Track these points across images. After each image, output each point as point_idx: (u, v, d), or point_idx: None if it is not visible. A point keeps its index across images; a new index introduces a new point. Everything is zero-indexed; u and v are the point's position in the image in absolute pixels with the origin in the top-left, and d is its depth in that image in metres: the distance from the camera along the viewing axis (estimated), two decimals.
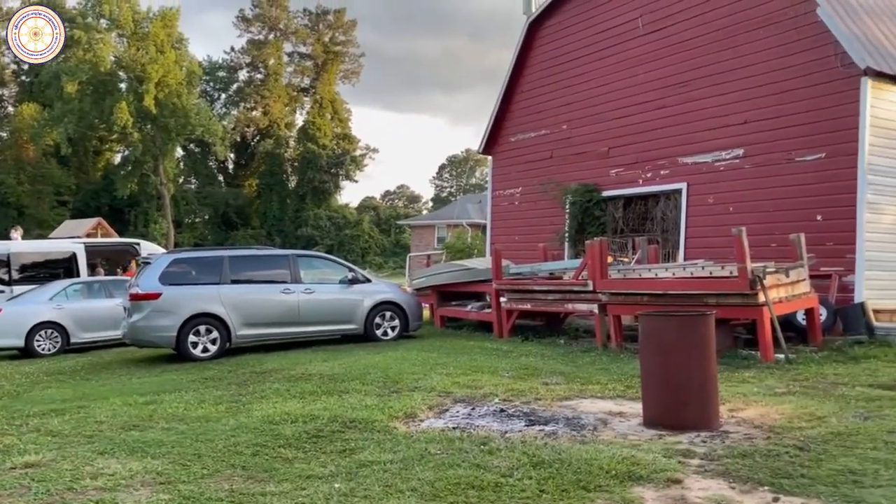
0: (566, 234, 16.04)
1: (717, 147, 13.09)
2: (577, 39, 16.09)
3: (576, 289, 11.83)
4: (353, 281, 13.07)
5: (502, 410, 6.82)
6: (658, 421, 5.98)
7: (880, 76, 10.93)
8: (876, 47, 11.28)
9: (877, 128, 11.00)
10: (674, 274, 10.52)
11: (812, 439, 5.35)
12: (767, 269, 9.48)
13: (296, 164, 62.82)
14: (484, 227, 19.84)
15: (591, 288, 11.38)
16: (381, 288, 13.58)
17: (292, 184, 63.12)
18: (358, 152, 65.92)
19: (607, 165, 15.31)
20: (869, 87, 10.86)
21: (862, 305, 10.68)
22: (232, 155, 64.95)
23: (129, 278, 14.26)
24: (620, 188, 15.06)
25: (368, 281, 13.55)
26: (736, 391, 7.38)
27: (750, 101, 12.52)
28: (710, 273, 10.07)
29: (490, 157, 18.95)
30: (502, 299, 13.16)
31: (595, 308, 11.43)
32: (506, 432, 5.96)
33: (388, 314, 13.12)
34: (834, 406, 6.55)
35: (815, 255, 10.72)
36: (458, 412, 6.82)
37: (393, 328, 13.15)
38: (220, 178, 65.52)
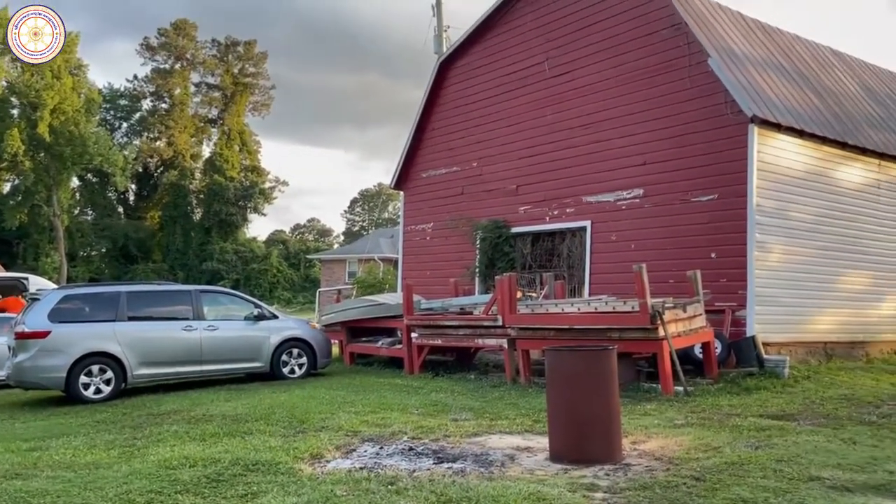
0: (477, 270, 16.23)
1: (619, 187, 13.62)
2: (486, 80, 16.51)
3: (486, 324, 11.95)
4: (259, 317, 12.73)
5: (411, 448, 6.75)
6: (564, 455, 6.06)
7: (766, 124, 11.72)
8: (761, 97, 12.11)
9: (763, 171, 11.75)
10: (579, 309, 10.81)
11: (708, 469, 5.54)
12: (666, 305, 9.88)
13: (201, 196, 61.04)
14: (396, 262, 19.83)
15: (500, 323, 11.53)
16: (288, 324, 13.28)
17: (197, 216, 61.23)
18: (267, 185, 64.78)
19: (516, 202, 15.66)
20: (756, 133, 11.61)
21: (753, 339, 11.26)
22: (133, 186, 62.47)
23: (13, 315, 13.35)
24: (529, 225, 15.41)
25: (275, 317, 13.23)
26: (638, 424, 7.59)
27: (649, 143, 13.15)
28: (614, 308, 10.40)
29: (402, 192, 19.03)
30: (413, 335, 13.12)
31: (504, 343, 11.57)
32: (414, 471, 5.89)
33: (295, 351, 12.84)
34: (728, 436, 6.83)
35: (710, 291, 11.25)
36: (365, 451, 6.69)
37: (300, 366, 12.86)
38: (120, 209, 62.82)
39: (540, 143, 15.13)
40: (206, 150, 63.95)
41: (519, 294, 13.44)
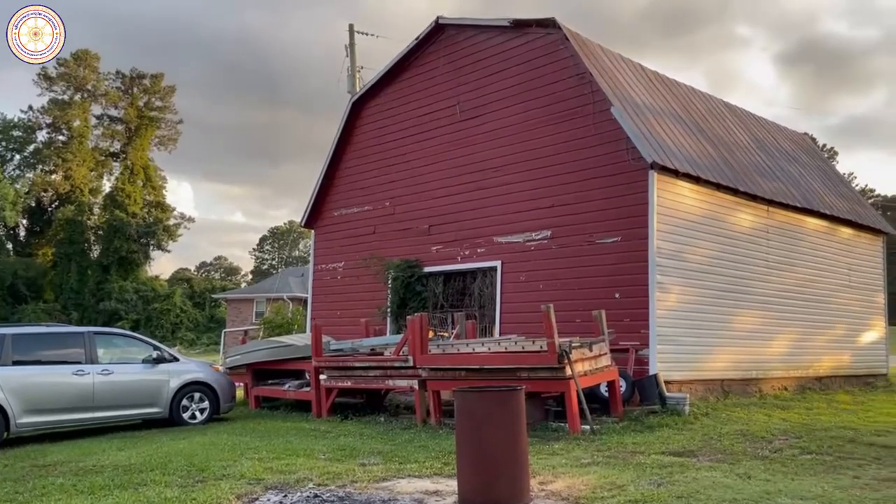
0: (388, 310, 16.12)
1: (528, 228, 13.93)
2: (399, 120, 16.67)
3: (396, 365, 11.80)
4: (159, 360, 12.15)
5: (316, 496, 6.52)
6: (472, 498, 5.99)
7: (664, 170, 12.31)
8: (660, 144, 12.73)
9: (663, 215, 12.29)
10: (489, 349, 10.87)
11: None
12: (573, 344, 10.06)
13: (100, 232, 58.26)
14: (306, 302, 19.44)
15: (411, 364, 11.42)
16: (189, 367, 12.73)
17: (95, 253, 58.29)
18: (172, 221, 62.55)
19: (429, 242, 15.73)
20: (655, 179, 12.17)
21: (656, 377, 11.61)
22: (24, 221, 59.01)
23: None
24: (441, 264, 15.49)
25: (176, 359, 12.66)
26: (546, 463, 7.63)
27: (556, 186, 13.55)
28: (523, 348, 10.51)
29: (313, 231, 18.79)
30: (322, 377, 12.83)
31: (415, 384, 11.45)
32: None
33: (196, 395, 12.31)
34: (632, 474, 6.96)
35: (614, 331, 11.57)
36: (268, 500, 6.42)
37: (202, 411, 12.32)
38: (9, 245, 59.07)
39: (452, 183, 15.33)
40: (107, 185, 61.33)
41: (431, 334, 13.41)
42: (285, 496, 6.53)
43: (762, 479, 6.69)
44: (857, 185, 71.08)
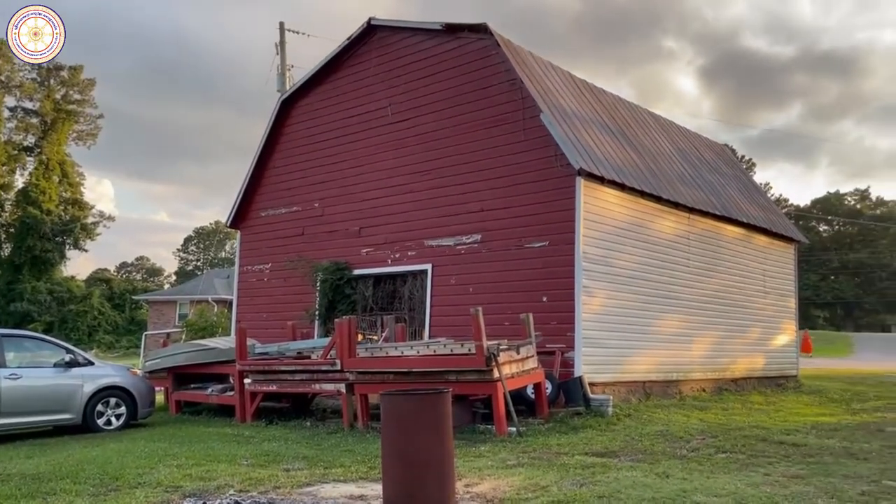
0: (317, 312, 15.89)
1: (459, 232, 13.98)
2: (329, 120, 16.48)
3: (324, 368, 11.64)
4: (72, 364, 11.60)
5: (237, 503, 6.34)
6: (397, 502, 5.94)
7: (591, 177, 12.57)
8: (587, 151, 13.00)
9: (589, 221, 12.55)
10: (418, 352, 10.85)
11: None
12: (501, 347, 10.15)
13: (12, 230, 55.36)
14: (231, 304, 18.95)
15: (339, 367, 11.28)
16: (105, 371, 12.21)
17: (6, 252, 55.37)
18: (90, 220, 60.02)
19: (358, 244, 15.59)
20: (582, 185, 12.41)
21: (580, 379, 11.83)
22: None
23: None
24: (371, 267, 15.37)
25: (90, 363, 12.12)
26: (472, 466, 7.65)
27: (486, 191, 13.64)
28: (451, 350, 10.55)
29: (239, 231, 18.35)
30: (246, 381, 12.53)
31: (343, 388, 11.32)
32: None
33: (112, 400, 11.82)
34: (556, 475, 7.05)
35: (541, 333, 11.73)
36: None
37: (118, 416, 11.85)
38: None
39: (383, 185, 15.24)
40: (20, 181, 58.35)
41: (359, 337, 13.28)
42: None
43: (680, 478, 6.88)
44: (772, 196, 74.54)
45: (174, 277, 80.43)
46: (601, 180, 12.78)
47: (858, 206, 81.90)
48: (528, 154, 13.12)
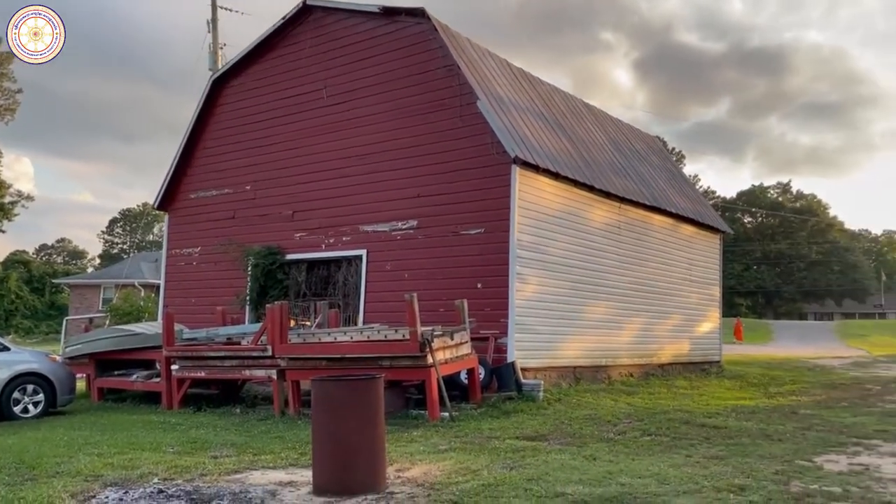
0: (248, 298, 15.58)
1: (395, 217, 13.91)
2: (263, 101, 16.10)
3: (254, 354, 11.46)
4: None
5: (161, 491, 6.16)
6: (327, 487, 5.90)
7: (526, 165, 12.68)
8: (523, 140, 13.10)
9: (523, 209, 12.67)
10: (352, 338, 10.77)
11: (466, 492, 5.71)
12: (435, 333, 10.17)
13: None
14: (159, 289, 18.37)
15: (270, 353, 11.12)
16: (21, 357, 11.71)
17: None
18: (7, 199, 57.05)
19: (292, 229, 15.33)
20: (517, 173, 12.51)
21: (513, 364, 11.99)
22: None
23: None
24: (304, 252, 15.15)
25: (6, 349, 11.60)
26: (404, 451, 7.66)
27: (423, 177, 13.60)
28: (385, 336, 10.51)
29: (167, 214, 17.80)
30: (173, 367, 12.22)
31: (274, 374, 11.16)
32: None
33: (30, 388, 11.37)
34: (487, 459, 7.14)
35: (475, 320, 11.81)
36: (107, 498, 5.99)
37: (36, 404, 11.39)
38: None
39: (317, 169, 15.01)
40: None
41: (292, 323, 13.12)
42: (126, 493, 6.13)
43: (606, 461, 7.06)
44: (700, 187, 77.00)
45: (98, 261, 77.53)
46: (536, 169, 12.91)
47: (780, 199, 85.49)
48: (465, 141, 13.13)
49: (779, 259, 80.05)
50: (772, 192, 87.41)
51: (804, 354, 27.46)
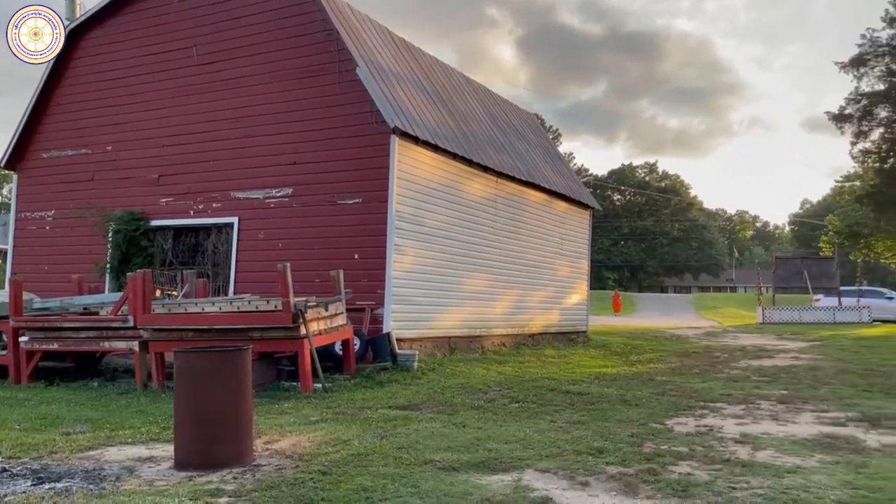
0: (108, 266, 14.66)
1: (269, 185, 13.48)
2: (126, 57, 15.05)
3: (114, 325, 10.84)
4: None
5: (4, 470, 5.71)
6: (190, 462, 5.68)
7: (406, 136, 12.61)
8: (403, 110, 13.01)
9: (402, 180, 12.63)
10: (220, 308, 10.39)
11: (335, 463, 5.68)
12: (309, 304, 10.00)
13: None
14: (6, 255, 16.94)
15: (131, 324, 10.55)
16: None
17: None
18: None
19: (157, 193, 14.52)
20: (396, 144, 12.43)
21: (388, 335, 12.01)
22: None
23: None
24: (171, 218, 14.41)
25: None
26: (274, 423, 7.51)
27: (300, 143, 13.24)
28: (257, 307, 10.21)
29: (16, 174, 16.35)
30: (22, 338, 11.34)
31: (136, 346, 10.60)
32: (4, 496, 4.98)
33: None
34: (358, 429, 7.12)
35: (352, 291, 11.70)
36: None
37: None
38: None
39: (186, 132, 14.26)
40: None
41: (157, 293, 12.51)
42: None
43: (475, 427, 7.23)
44: (574, 165, 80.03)
45: None
46: (416, 140, 12.88)
47: (647, 179, 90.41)
48: (344, 108, 12.88)
49: (644, 235, 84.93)
50: (640, 171, 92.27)
51: (664, 325, 29.34)
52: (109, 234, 14.63)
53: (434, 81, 15.96)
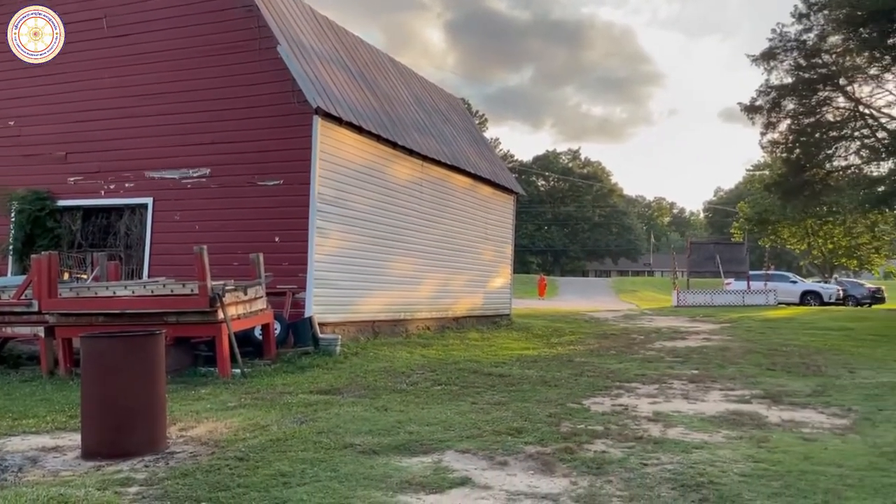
0: (11, 247, 13.89)
1: (185, 164, 13.01)
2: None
3: (17, 310, 10.30)
4: None
5: None
6: (98, 451, 5.46)
7: (329, 117, 12.39)
8: (326, 90, 12.76)
9: (325, 161, 12.41)
10: (133, 292, 10.00)
11: (252, 448, 5.56)
12: (227, 287, 9.73)
13: None
14: None
15: (36, 308, 10.03)
16: None
17: None
18: None
19: (65, 172, 13.81)
20: (319, 125, 12.19)
21: (310, 319, 11.84)
22: None
23: None
24: (80, 198, 13.74)
25: None
26: (190, 409, 7.30)
27: (218, 122, 12.81)
28: (172, 291, 9.88)
29: None
30: None
31: (41, 331, 10.08)
32: None
33: None
34: (277, 414, 7.01)
35: (272, 274, 11.46)
36: None
37: None
38: None
39: (96, 107, 13.59)
40: None
41: (64, 276, 11.96)
42: None
43: (397, 411, 7.23)
44: (500, 151, 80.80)
45: None
46: (339, 121, 12.67)
47: (571, 165, 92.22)
48: (264, 87, 12.53)
49: (567, 220, 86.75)
50: (564, 157, 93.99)
51: (584, 308, 30.09)
52: (12, 215, 13.84)
53: (358, 62, 15.73)
